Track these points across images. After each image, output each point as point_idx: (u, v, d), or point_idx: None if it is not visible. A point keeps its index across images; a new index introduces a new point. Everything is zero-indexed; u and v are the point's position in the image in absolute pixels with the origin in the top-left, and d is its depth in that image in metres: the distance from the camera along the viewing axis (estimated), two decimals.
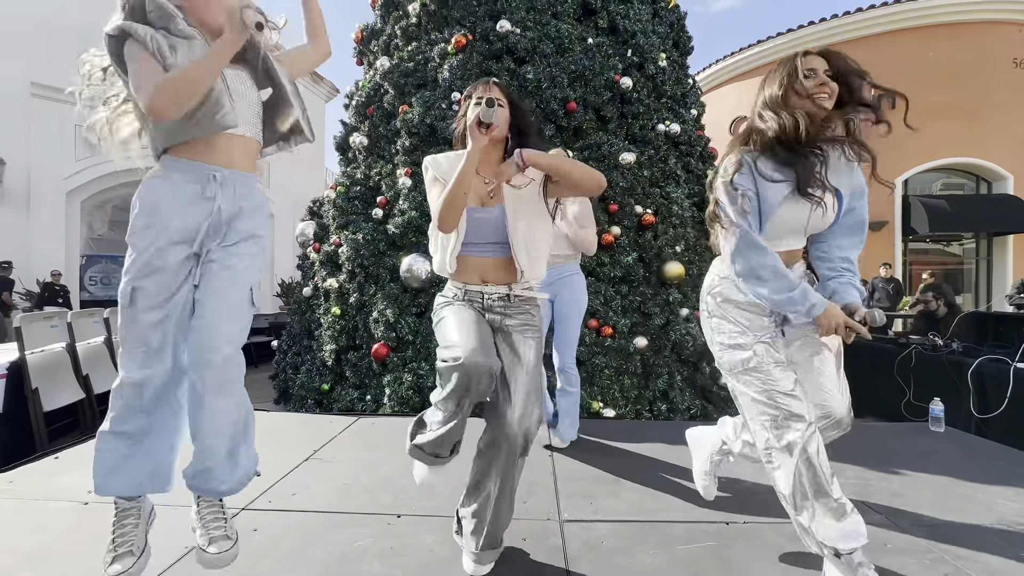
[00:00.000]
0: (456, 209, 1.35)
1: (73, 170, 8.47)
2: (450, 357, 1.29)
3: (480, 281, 1.48)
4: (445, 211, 1.35)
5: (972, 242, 11.66)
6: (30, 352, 3.27)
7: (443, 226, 1.38)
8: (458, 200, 1.34)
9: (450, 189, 1.33)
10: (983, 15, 10.69)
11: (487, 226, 1.46)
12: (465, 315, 1.41)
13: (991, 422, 3.12)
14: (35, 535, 1.65)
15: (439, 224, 1.38)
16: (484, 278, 1.48)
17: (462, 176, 1.33)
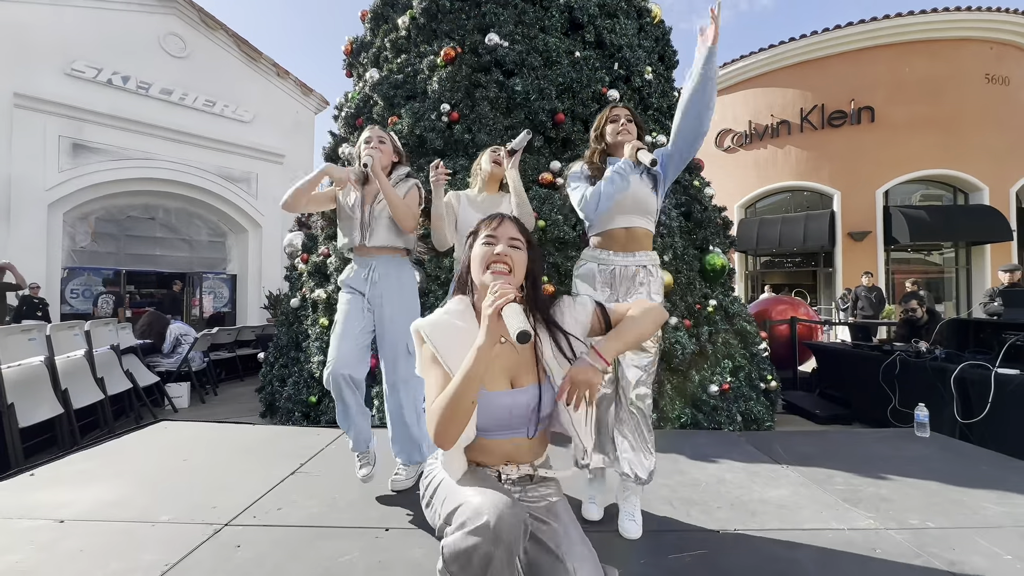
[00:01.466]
0: (462, 422, 1.03)
1: (56, 181, 8.34)
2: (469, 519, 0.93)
3: (502, 461, 1.17)
4: (446, 424, 1.01)
5: (952, 251, 11.94)
6: (6, 366, 3.18)
7: (443, 441, 1.03)
8: (465, 411, 1.02)
9: (454, 395, 1.00)
10: (956, 32, 11.08)
11: (518, 410, 1.14)
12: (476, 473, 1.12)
13: (974, 427, 3.16)
14: (8, 554, 1.59)
15: (436, 439, 1.03)
16: (508, 458, 1.17)
17: (470, 382, 1.00)
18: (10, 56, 7.98)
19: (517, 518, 0.93)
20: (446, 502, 1.04)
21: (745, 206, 12.91)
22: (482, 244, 1.18)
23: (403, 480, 2.14)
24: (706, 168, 4.90)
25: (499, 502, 0.94)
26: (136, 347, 5.04)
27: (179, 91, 9.80)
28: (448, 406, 1.01)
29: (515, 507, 0.95)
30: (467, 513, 0.94)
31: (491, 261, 1.14)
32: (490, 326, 1.02)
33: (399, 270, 2.12)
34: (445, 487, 1.09)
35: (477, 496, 0.98)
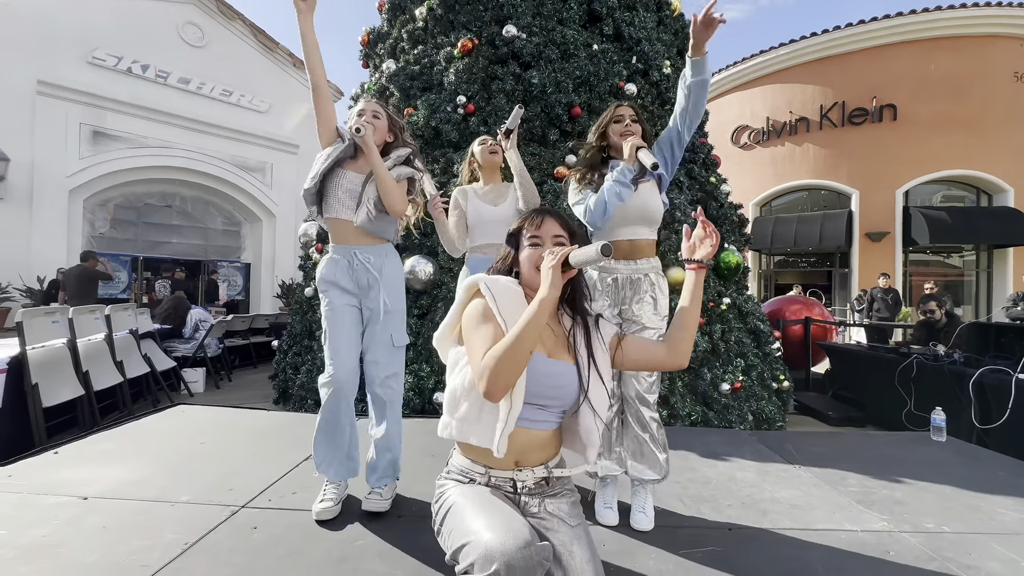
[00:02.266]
0: (517, 372, 1.00)
1: (76, 168, 8.48)
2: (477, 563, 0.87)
3: (512, 464, 1.12)
4: (504, 369, 0.98)
5: (972, 254, 11.69)
6: (31, 347, 3.26)
7: (495, 391, 0.99)
8: (523, 360, 1.00)
9: (516, 341, 0.98)
10: (984, 29, 10.78)
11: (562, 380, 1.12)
12: (485, 496, 1.06)
13: (992, 433, 3.11)
14: (34, 529, 1.64)
15: (490, 386, 0.98)
16: (519, 459, 1.12)
17: (532, 328, 0.99)
18: (34, 44, 8.11)
19: (530, 562, 0.87)
20: (454, 534, 1.00)
21: (761, 204, 12.74)
22: (529, 246, 1.19)
23: (381, 501, 1.84)
24: (722, 165, 4.85)
25: (510, 545, 0.87)
26: (154, 332, 5.14)
27: (197, 80, 9.89)
28: (508, 352, 0.98)
29: (528, 551, 0.88)
30: (475, 555, 0.89)
31: (539, 264, 1.14)
32: (553, 279, 1.02)
33: (384, 258, 1.92)
34: (455, 514, 1.04)
35: (487, 532, 0.92)
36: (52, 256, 8.11)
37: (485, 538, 0.90)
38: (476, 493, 1.08)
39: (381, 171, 1.79)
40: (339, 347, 1.84)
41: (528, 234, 1.20)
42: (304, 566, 1.50)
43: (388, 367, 1.90)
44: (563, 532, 1.10)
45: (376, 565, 1.52)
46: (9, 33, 7.92)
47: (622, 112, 1.93)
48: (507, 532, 0.91)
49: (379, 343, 1.88)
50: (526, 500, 1.12)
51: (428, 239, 3.82)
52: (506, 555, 0.86)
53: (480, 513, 0.99)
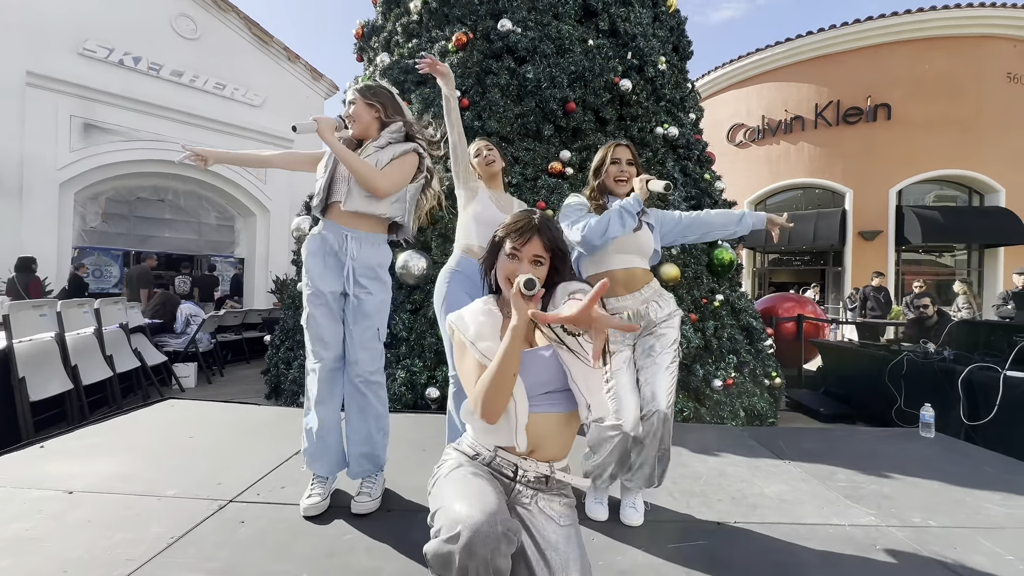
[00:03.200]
0: (505, 395, 1.07)
1: (67, 161, 8.38)
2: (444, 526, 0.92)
3: (527, 452, 1.14)
4: (492, 399, 1.06)
5: (964, 253, 11.79)
6: (18, 341, 3.22)
7: (490, 416, 1.08)
8: (507, 385, 1.07)
9: (495, 373, 1.05)
10: (978, 30, 10.84)
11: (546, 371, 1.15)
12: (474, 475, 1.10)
13: (980, 429, 3.14)
14: (17, 522, 1.63)
15: (484, 414, 1.08)
16: (535, 448, 1.14)
17: (508, 359, 1.05)
18: (23, 35, 7.98)
19: (495, 531, 0.90)
20: (433, 500, 1.06)
21: (755, 202, 12.78)
22: (507, 257, 1.21)
23: (369, 502, 1.80)
24: (717, 162, 4.85)
25: (477, 513, 0.92)
26: (145, 326, 5.09)
27: (190, 73, 9.78)
28: (492, 382, 1.06)
29: (492, 520, 0.92)
30: (444, 520, 0.94)
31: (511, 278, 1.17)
32: (516, 306, 1.07)
33: (375, 246, 1.88)
34: (439, 486, 1.10)
35: (458, 502, 0.97)
36: (42, 250, 8.01)
37: (455, 506, 0.96)
38: (466, 472, 1.11)
39: (340, 154, 1.73)
40: (324, 335, 1.82)
41: (510, 245, 1.20)
42: (291, 561, 1.49)
43: (375, 360, 1.88)
44: (550, 530, 1.10)
45: (364, 560, 1.51)
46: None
47: (619, 155, 1.95)
48: (476, 501, 0.96)
49: (365, 335, 1.85)
50: (520, 489, 1.14)
51: (421, 234, 3.80)
52: (471, 519, 0.90)
53: (459, 485, 1.05)
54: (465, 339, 1.17)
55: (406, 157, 1.84)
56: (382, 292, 1.89)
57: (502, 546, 0.91)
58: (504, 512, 0.97)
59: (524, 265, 1.18)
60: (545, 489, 1.16)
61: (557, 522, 1.12)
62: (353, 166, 1.73)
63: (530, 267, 1.18)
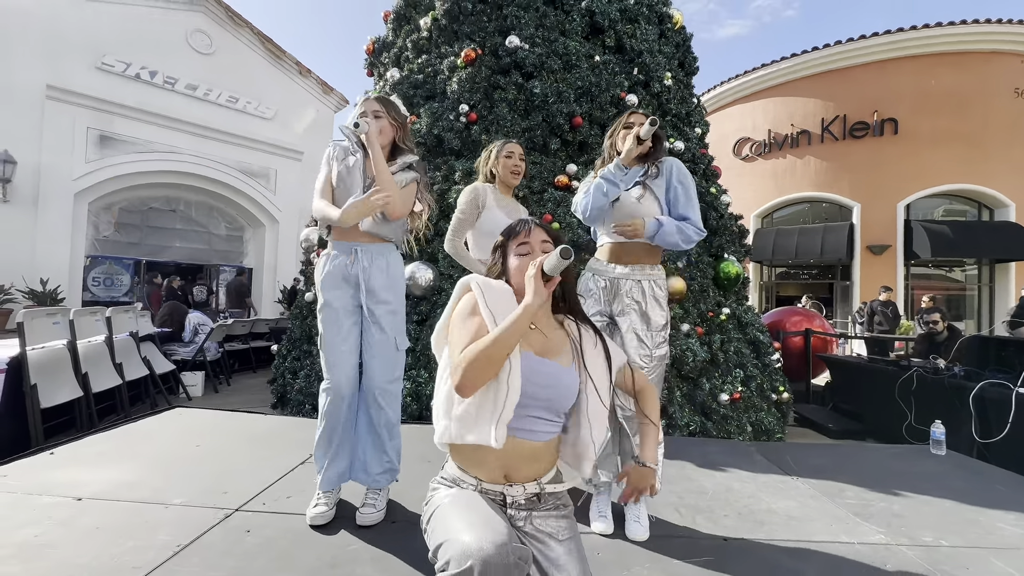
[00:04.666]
0: (493, 369, 1.02)
1: (83, 171, 8.56)
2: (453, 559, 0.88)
3: (502, 478, 1.11)
4: (479, 368, 1.00)
5: (974, 268, 11.67)
6: (31, 348, 3.27)
7: (466, 386, 1.02)
8: (499, 360, 1.02)
9: (494, 342, 1.00)
10: (985, 45, 10.86)
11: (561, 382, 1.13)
12: (473, 499, 1.06)
13: (993, 447, 3.09)
14: (27, 528, 1.64)
15: (462, 381, 1.01)
16: (507, 473, 1.11)
17: (513, 332, 1.01)
18: (44, 49, 8.22)
19: (505, 562, 0.86)
20: (436, 532, 1.01)
21: (762, 216, 12.77)
22: (517, 255, 1.21)
23: (375, 513, 1.80)
24: (723, 176, 4.87)
25: (487, 544, 0.87)
26: (154, 335, 5.15)
27: (204, 87, 10.01)
28: (486, 350, 1.00)
29: (503, 551, 0.87)
30: (452, 552, 0.89)
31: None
32: (536, 288, 1.04)
33: (387, 257, 1.89)
34: (439, 515, 1.05)
35: (466, 533, 0.91)
36: (55, 259, 8.16)
37: (463, 537, 0.90)
38: (464, 496, 1.08)
39: (381, 166, 1.76)
40: (337, 353, 1.84)
41: (517, 242, 1.21)
42: (295, 570, 1.49)
43: (392, 371, 1.90)
44: (552, 547, 1.09)
45: (368, 570, 1.51)
46: (20, 39, 8.04)
47: (633, 120, 1.92)
48: (485, 531, 0.91)
49: (382, 347, 1.86)
50: (512, 514, 1.11)
51: (428, 245, 3.83)
52: (482, 552, 0.85)
53: (462, 513, 1.00)
54: (483, 297, 1.11)
55: (410, 186, 1.89)
56: (395, 302, 1.90)
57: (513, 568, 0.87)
58: (513, 539, 0.93)
59: (537, 254, 1.17)
60: (539, 506, 1.13)
61: (556, 537, 1.10)
62: (385, 181, 1.75)
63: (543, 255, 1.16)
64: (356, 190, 1.83)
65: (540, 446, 1.13)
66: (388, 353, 1.87)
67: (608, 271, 1.91)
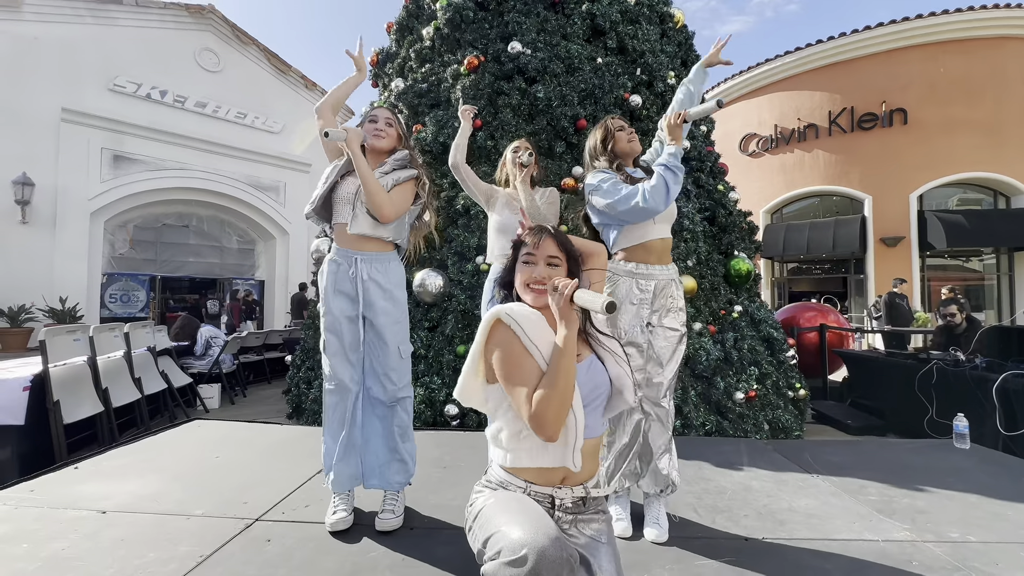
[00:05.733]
0: (568, 408, 1.03)
1: (98, 191, 8.75)
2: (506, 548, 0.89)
3: (559, 480, 1.10)
4: (558, 413, 1.00)
5: (992, 257, 11.44)
6: (53, 365, 3.34)
7: (556, 431, 1.01)
8: (570, 397, 1.03)
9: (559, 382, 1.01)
10: (995, 31, 10.69)
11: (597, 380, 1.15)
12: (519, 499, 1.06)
13: (1019, 439, 3.02)
14: (54, 542, 1.68)
15: (550, 431, 1.00)
16: (567, 475, 1.10)
17: (570, 366, 1.03)
18: (59, 74, 8.44)
19: (559, 555, 0.88)
20: (484, 528, 1.02)
21: (771, 211, 12.64)
22: (523, 262, 1.21)
23: (394, 519, 1.81)
24: (730, 173, 4.84)
25: (541, 536, 0.89)
26: (171, 349, 5.23)
27: (213, 104, 10.19)
28: (555, 396, 1.00)
29: (558, 544, 0.89)
30: (504, 543, 0.91)
31: (530, 283, 1.18)
32: (568, 318, 1.05)
33: (387, 265, 1.90)
34: (487, 513, 1.05)
35: (517, 528, 0.93)
36: (73, 277, 8.33)
37: (514, 531, 0.92)
38: (512, 497, 1.08)
39: (362, 171, 1.73)
40: (340, 357, 1.85)
41: (524, 250, 1.21)
42: None
43: (399, 379, 1.90)
44: (597, 549, 1.10)
45: None
46: (37, 65, 8.27)
47: (622, 122, 2.00)
48: (538, 526, 0.92)
49: (385, 357, 1.87)
50: (560, 516, 1.10)
51: (437, 252, 3.86)
52: (537, 543, 0.87)
53: (511, 512, 1.00)
54: (526, 338, 1.07)
55: (408, 183, 1.88)
56: (396, 311, 1.90)
57: (564, 572, 0.88)
58: (563, 536, 0.95)
59: (540, 267, 1.18)
60: (583, 510, 1.13)
61: (599, 540, 1.12)
62: (370, 186, 1.74)
63: (546, 269, 1.18)
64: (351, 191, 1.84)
65: (596, 443, 1.16)
66: (392, 362, 1.88)
67: (654, 273, 1.87)
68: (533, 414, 1.01)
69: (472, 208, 3.85)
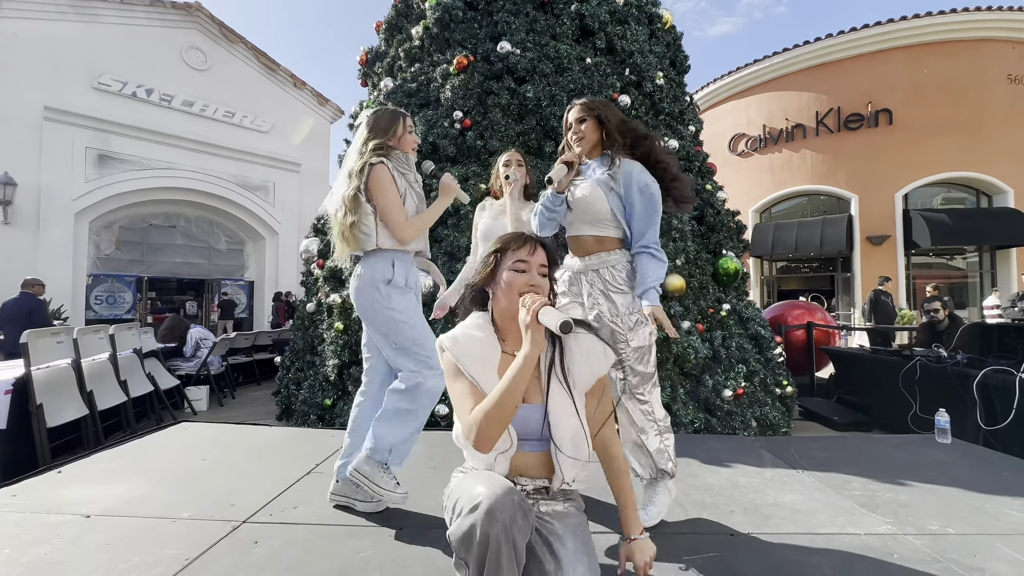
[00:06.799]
0: (503, 425, 1.05)
1: (82, 191, 8.62)
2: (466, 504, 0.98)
3: (516, 475, 1.18)
4: (489, 426, 1.03)
5: (975, 255, 11.66)
6: (35, 368, 3.29)
7: (483, 444, 1.04)
8: (509, 414, 1.05)
9: (500, 400, 1.03)
10: (976, 33, 10.90)
11: (531, 424, 1.17)
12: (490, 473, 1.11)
13: (998, 434, 3.08)
14: (36, 547, 1.65)
15: (477, 441, 1.04)
16: (521, 474, 1.18)
17: (516, 388, 1.04)
18: (41, 71, 8.31)
19: (512, 499, 0.95)
20: (452, 497, 1.10)
21: (760, 211, 12.78)
22: (512, 270, 1.18)
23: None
24: (719, 172, 4.88)
25: (496, 488, 0.97)
26: (158, 351, 5.17)
27: (200, 103, 10.08)
28: (494, 410, 1.03)
29: (510, 491, 0.97)
30: (465, 500, 1.00)
31: (524, 292, 1.15)
32: (534, 336, 1.06)
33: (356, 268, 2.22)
34: (456, 487, 1.12)
35: (478, 486, 1.01)
36: (58, 278, 8.19)
37: (476, 488, 1.00)
38: (479, 472, 1.14)
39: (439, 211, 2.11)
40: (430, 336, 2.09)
41: (515, 257, 1.19)
42: None
43: None
44: (556, 524, 1.12)
45: None
46: (18, 62, 8.12)
47: (571, 120, 1.98)
48: (494, 482, 1.00)
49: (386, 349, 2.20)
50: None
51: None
52: (491, 492, 0.95)
53: (474, 478, 1.08)
54: (458, 363, 1.15)
55: None
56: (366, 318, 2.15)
57: (519, 517, 0.94)
58: (519, 492, 1.01)
59: (533, 276, 1.17)
60: (547, 497, 1.18)
61: (562, 519, 1.14)
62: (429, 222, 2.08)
63: (539, 279, 1.17)
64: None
65: (546, 454, 1.17)
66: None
67: (569, 264, 1.93)
68: (469, 421, 1.06)
69: (461, 208, 3.85)
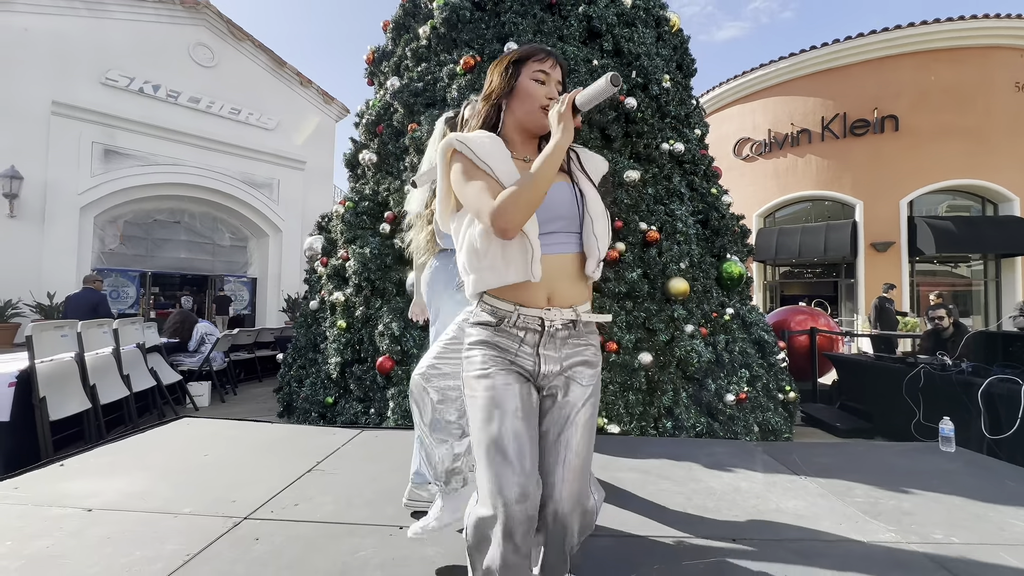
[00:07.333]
0: (531, 210, 1.01)
1: (88, 185, 8.65)
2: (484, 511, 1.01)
3: (545, 301, 1.09)
4: (519, 210, 0.98)
5: (980, 263, 11.60)
6: (39, 361, 3.30)
7: (512, 227, 0.99)
8: (538, 200, 1.01)
9: (534, 183, 0.99)
10: (984, 40, 10.85)
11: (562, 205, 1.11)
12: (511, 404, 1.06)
13: (1003, 443, 3.06)
14: (39, 540, 1.66)
15: (504, 224, 0.98)
16: (551, 294, 1.10)
17: (548, 172, 1.01)
18: (49, 66, 8.34)
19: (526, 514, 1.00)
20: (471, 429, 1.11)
21: (764, 215, 12.74)
22: (533, 80, 1.15)
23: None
24: (724, 177, 4.88)
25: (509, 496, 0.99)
26: (160, 346, 5.18)
27: (206, 99, 10.11)
28: (525, 192, 0.99)
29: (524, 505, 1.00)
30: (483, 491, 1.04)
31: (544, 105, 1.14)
32: (566, 125, 1.04)
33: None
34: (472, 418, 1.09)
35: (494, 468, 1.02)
36: (62, 272, 8.23)
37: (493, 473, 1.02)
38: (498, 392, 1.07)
39: None
40: None
41: (536, 67, 1.15)
42: None
43: None
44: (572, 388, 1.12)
45: None
46: (27, 57, 8.16)
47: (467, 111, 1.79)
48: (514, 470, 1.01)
49: None
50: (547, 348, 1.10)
51: None
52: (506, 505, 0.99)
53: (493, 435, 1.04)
54: (474, 158, 1.07)
55: None
56: None
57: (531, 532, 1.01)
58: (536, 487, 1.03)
59: (552, 89, 1.14)
60: (573, 334, 1.13)
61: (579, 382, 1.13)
62: None
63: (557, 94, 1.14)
64: None
65: (574, 260, 1.12)
66: None
67: None
68: (498, 205, 0.99)
69: None
